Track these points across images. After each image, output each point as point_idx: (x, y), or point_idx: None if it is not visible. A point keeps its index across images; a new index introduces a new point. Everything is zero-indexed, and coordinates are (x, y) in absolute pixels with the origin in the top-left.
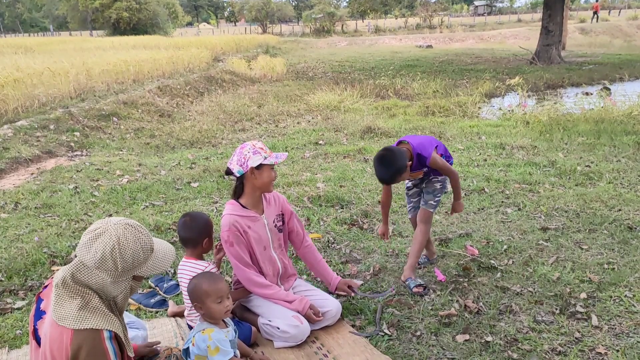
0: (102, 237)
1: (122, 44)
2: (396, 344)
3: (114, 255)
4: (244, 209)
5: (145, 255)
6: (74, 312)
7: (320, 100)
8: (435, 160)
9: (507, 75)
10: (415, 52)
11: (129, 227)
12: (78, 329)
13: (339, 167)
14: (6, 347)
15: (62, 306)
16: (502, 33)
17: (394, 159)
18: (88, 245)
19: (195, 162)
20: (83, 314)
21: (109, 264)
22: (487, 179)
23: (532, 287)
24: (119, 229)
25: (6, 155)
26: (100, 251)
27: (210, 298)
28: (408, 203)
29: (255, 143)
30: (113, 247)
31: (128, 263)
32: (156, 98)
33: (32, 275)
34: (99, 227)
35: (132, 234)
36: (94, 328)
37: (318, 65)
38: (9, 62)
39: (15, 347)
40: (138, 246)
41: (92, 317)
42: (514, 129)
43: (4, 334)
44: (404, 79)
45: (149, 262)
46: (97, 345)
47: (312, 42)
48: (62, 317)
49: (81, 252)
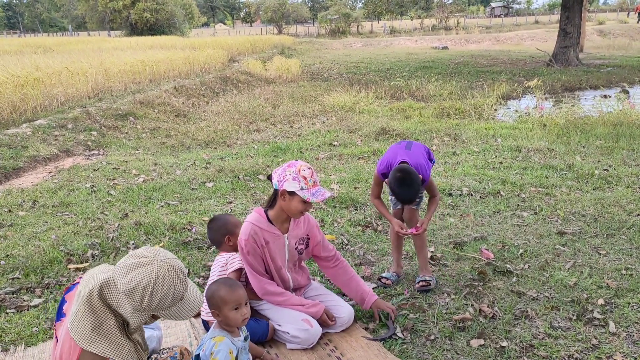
0: (143, 268)
1: (140, 44)
2: (410, 347)
3: (145, 292)
4: (269, 224)
5: (173, 303)
6: (86, 332)
7: (335, 101)
8: (432, 182)
9: (524, 77)
10: (430, 53)
11: (171, 270)
12: (86, 349)
13: (353, 169)
14: (22, 344)
15: (78, 320)
16: (519, 35)
17: (413, 179)
18: (128, 269)
19: (210, 162)
20: (94, 337)
21: (137, 297)
22: (502, 182)
23: (548, 292)
24: (162, 268)
25: (25, 154)
26: (135, 281)
27: (228, 306)
28: (390, 196)
29: (304, 168)
30: (148, 284)
31: (154, 303)
32: (172, 98)
33: (49, 273)
34: (147, 257)
35: (171, 279)
36: (100, 355)
37: (333, 66)
38: (29, 62)
39: (31, 344)
40: (170, 292)
41: (102, 343)
42: (530, 131)
43: (21, 331)
44: (419, 81)
45: (172, 308)
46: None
47: (327, 43)
48: (75, 330)
49: (118, 272)
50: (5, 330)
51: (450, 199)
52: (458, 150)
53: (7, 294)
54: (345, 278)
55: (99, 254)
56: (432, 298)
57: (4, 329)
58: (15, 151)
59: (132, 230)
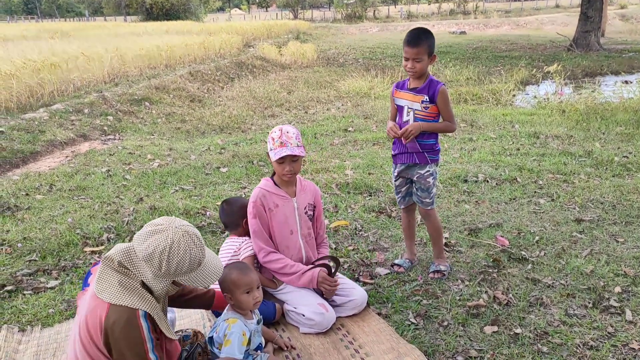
0: (159, 235)
1: (155, 29)
2: (422, 333)
3: (162, 257)
4: (276, 187)
5: (190, 268)
6: (114, 287)
7: (350, 86)
8: (446, 94)
9: (544, 62)
10: (448, 38)
11: (186, 235)
12: (114, 304)
13: (368, 155)
14: (39, 325)
15: (104, 280)
16: (539, 19)
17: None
18: (145, 236)
19: (225, 148)
20: (122, 291)
21: (155, 262)
22: (519, 168)
23: (564, 279)
24: (177, 234)
25: (42, 138)
26: (152, 247)
27: (240, 289)
28: (396, 194)
29: (276, 130)
30: (164, 249)
31: (171, 268)
32: (187, 83)
33: (65, 256)
34: (162, 224)
35: (186, 244)
36: (129, 307)
37: (349, 51)
38: (46, 47)
39: (47, 325)
40: (186, 256)
41: (130, 296)
42: (549, 117)
43: (37, 312)
44: (436, 66)
45: (191, 274)
46: (131, 321)
47: (343, 28)
48: (102, 290)
49: (137, 239)
50: (22, 311)
51: (466, 185)
52: (474, 136)
53: (24, 275)
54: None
55: (114, 237)
56: (445, 284)
57: (21, 310)
58: (33, 135)
59: (147, 215)
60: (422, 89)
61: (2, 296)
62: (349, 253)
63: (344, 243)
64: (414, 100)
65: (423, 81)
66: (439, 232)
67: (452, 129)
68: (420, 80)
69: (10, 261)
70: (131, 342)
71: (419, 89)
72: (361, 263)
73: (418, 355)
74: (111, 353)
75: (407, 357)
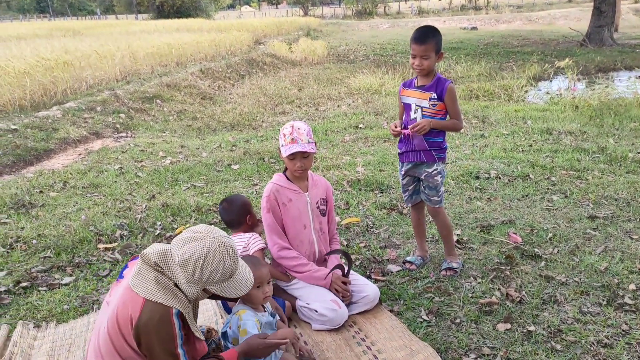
0: (196, 242)
1: (166, 27)
2: (435, 330)
3: (196, 264)
4: (289, 182)
5: (222, 278)
6: (150, 284)
7: (361, 83)
8: (453, 92)
9: (556, 57)
10: (459, 34)
11: (222, 246)
12: (150, 299)
13: (379, 151)
14: (54, 321)
15: (141, 275)
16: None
17: (436, 30)
18: (183, 242)
19: (236, 145)
20: (157, 288)
21: (189, 268)
22: (532, 165)
23: (578, 277)
24: (214, 244)
25: (56, 136)
26: (188, 253)
27: None
28: (404, 192)
29: (287, 126)
30: (199, 257)
31: (204, 277)
32: (198, 81)
33: (79, 253)
34: (201, 232)
35: (221, 255)
36: (164, 304)
37: (359, 48)
38: (58, 45)
39: (62, 321)
40: (219, 267)
41: (165, 294)
42: (562, 113)
43: (52, 308)
44: (447, 62)
45: (222, 284)
46: (165, 318)
47: (353, 24)
48: (138, 285)
49: (175, 243)
50: (37, 307)
51: (478, 182)
52: (486, 132)
53: (39, 272)
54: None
55: (127, 234)
56: (457, 282)
57: (36, 306)
58: (47, 133)
59: (159, 212)
60: (429, 86)
61: (17, 292)
62: (360, 250)
63: (355, 240)
64: (421, 97)
65: (431, 79)
66: (449, 230)
67: (459, 127)
68: (428, 78)
69: (26, 258)
70: (163, 337)
71: (426, 86)
72: (373, 260)
73: (430, 352)
74: (139, 345)
75: (420, 355)
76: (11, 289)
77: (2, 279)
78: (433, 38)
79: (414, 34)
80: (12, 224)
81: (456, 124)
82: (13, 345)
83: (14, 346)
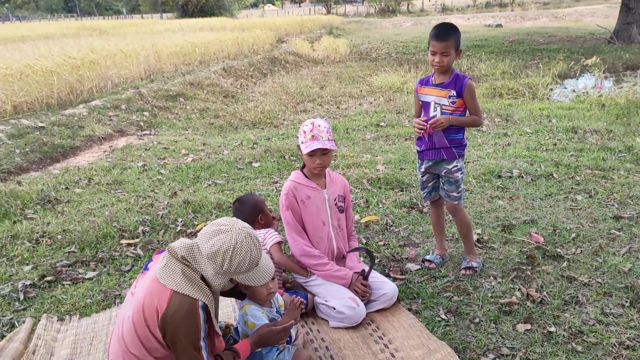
0: (223, 235)
1: (190, 26)
2: (453, 330)
3: (225, 255)
4: (306, 179)
5: (249, 267)
6: (177, 276)
7: (382, 81)
8: (472, 88)
9: (583, 55)
10: (483, 31)
11: (249, 237)
12: (177, 291)
13: (400, 150)
14: (77, 315)
15: (169, 268)
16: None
17: (455, 27)
18: (210, 235)
19: (257, 143)
20: (185, 281)
21: (218, 260)
22: (556, 164)
23: (601, 278)
24: (240, 235)
25: (81, 134)
26: (217, 246)
27: None
28: (422, 189)
29: (307, 123)
30: (228, 248)
31: (233, 267)
32: (221, 79)
33: (103, 248)
34: (226, 225)
35: (247, 245)
36: (191, 296)
37: (382, 46)
38: (85, 45)
39: (85, 315)
40: (247, 257)
41: (191, 287)
42: (588, 112)
43: (76, 302)
44: (471, 60)
45: (248, 273)
46: (191, 309)
47: (376, 22)
48: (165, 277)
49: (202, 238)
50: (61, 301)
51: (500, 181)
52: (509, 131)
53: (63, 266)
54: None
55: (149, 230)
56: (477, 281)
57: (60, 300)
58: (73, 131)
59: (181, 208)
60: (448, 83)
61: (42, 286)
62: (379, 248)
63: (374, 238)
64: (440, 95)
65: (449, 76)
66: (468, 228)
67: (479, 123)
68: (446, 75)
69: (51, 252)
70: (189, 329)
71: (445, 83)
72: (392, 258)
73: (448, 351)
74: (164, 336)
75: (437, 354)
76: (36, 282)
77: (27, 273)
78: (453, 35)
79: (434, 30)
80: (38, 219)
81: (476, 119)
82: (37, 338)
83: (38, 339)
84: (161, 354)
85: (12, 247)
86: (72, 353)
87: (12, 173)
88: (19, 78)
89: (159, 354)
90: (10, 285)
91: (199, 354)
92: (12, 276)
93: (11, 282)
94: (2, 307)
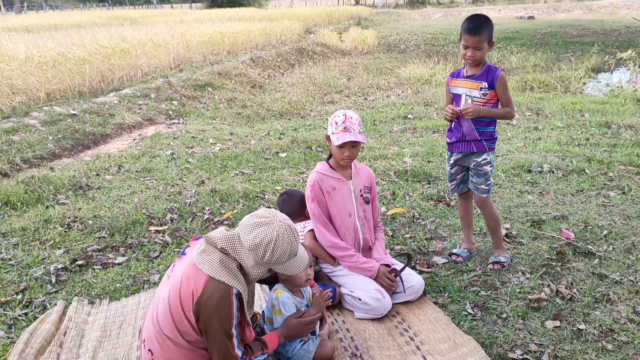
0: (265, 227)
1: (219, 16)
2: (480, 324)
3: (268, 247)
4: (332, 170)
5: (289, 258)
6: (214, 264)
7: (411, 73)
8: (504, 80)
9: (618, 48)
10: (515, 23)
11: (289, 230)
12: (213, 277)
13: (427, 142)
14: (107, 299)
15: (206, 254)
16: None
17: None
18: (252, 227)
19: (284, 133)
20: (221, 268)
21: (260, 252)
22: (588, 159)
23: (633, 276)
24: (282, 227)
25: (112, 122)
26: (259, 238)
27: None
28: (450, 181)
29: (339, 114)
30: (270, 240)
31: (274, 258)
32: (249, 69)
33: (132, 234)
34: (267, 217)
35: (289, 237)
36: (226, 283)
37: (410, 37)
38: (116, 33)
39: (115, 299)
40: (288, 248)
41: (227, 274)
42: (622, 106)
43: (106, 286)
44: (501, 52)
45: (287, 263)
46: (225, 296)
47: (405, 13)
48: (202, 262)
49: (243, 230)
50: (92, 284)
51: (530, 175)
52: (540, 125)
53: (94, 251)
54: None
55: (177, 217)
56: (505, 276)
57: (91, 284)
58: (104, 119)
59: (208, 197)
60: (480, 75)
61: (73, 270)
62: (405, 241)
63: (400, 230)
64: (472, 87)
65: (480, 68)
66: (497, 222)
67: (511, 116)
68: (478, 67)
69: (82, 237)
70: (222, 315)
71: (476, 75)
72: (418, 251)
73: (475, 346)
74: (197, 320)
75: (464, 348)
76: (68, 266)
77: (59, 257)
78: (486, 28)
79: (466, 24)
80: (70, 204)
81: (508, 112)
82: (68, 320)
83: (69, 321)
84: (192, 338)
85: (45, 231)
86: (102, 336)
87: (45, 159)
88: (52, 66)
89: (191, 337)
90: (43, 268)
91: (230, 341)
92: (45, 259)
93: (44, 265)
94: (35, 290)
